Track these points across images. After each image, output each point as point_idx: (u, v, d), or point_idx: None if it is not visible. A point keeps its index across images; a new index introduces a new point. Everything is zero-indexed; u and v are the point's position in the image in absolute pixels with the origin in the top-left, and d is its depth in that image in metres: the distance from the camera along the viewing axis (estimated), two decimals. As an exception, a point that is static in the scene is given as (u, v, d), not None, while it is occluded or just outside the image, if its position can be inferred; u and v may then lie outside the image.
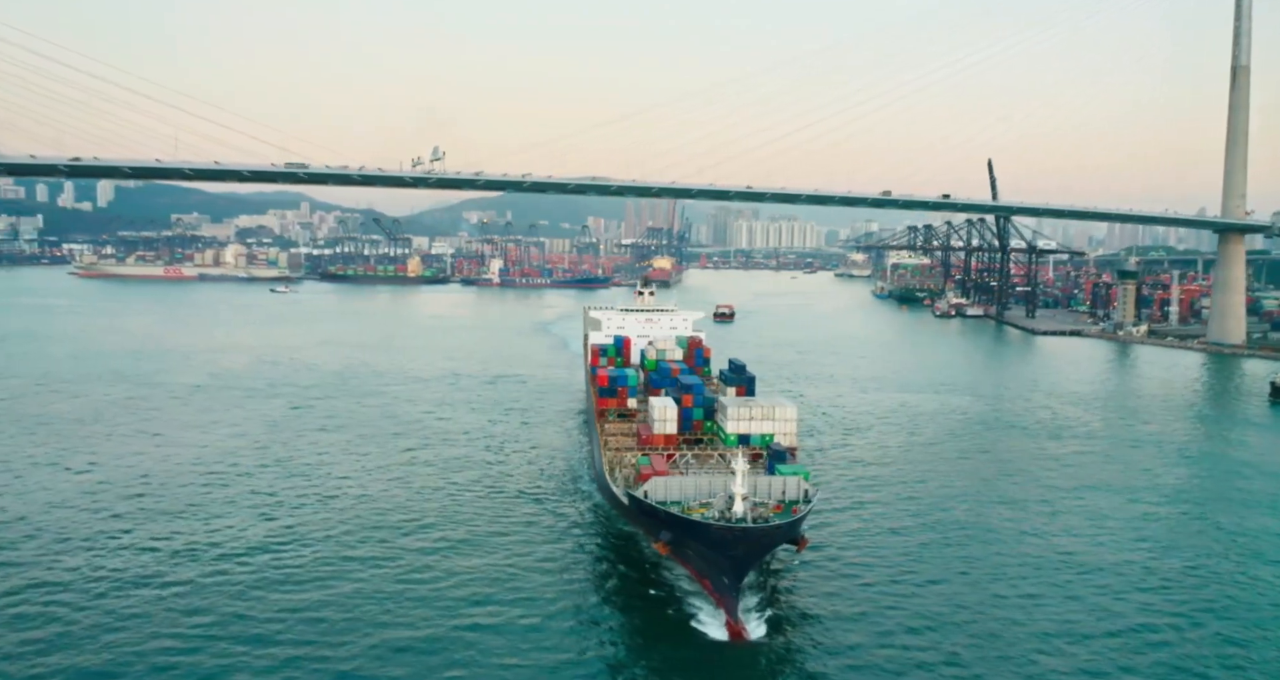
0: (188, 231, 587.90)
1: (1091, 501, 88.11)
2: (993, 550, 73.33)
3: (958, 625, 58.87)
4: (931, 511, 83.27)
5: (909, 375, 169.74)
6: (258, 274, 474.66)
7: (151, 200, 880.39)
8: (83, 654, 52.56)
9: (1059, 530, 79.03)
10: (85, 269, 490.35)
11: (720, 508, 59.05)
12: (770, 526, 58.50)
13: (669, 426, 78.74)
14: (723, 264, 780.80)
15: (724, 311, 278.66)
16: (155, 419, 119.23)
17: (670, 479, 64.80)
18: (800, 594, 63.84)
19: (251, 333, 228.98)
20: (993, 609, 61.50)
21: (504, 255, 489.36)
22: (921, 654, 54.90)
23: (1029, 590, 64.92)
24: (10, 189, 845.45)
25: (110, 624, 56.49)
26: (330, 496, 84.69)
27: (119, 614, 57.80)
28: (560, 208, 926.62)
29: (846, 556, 70.97)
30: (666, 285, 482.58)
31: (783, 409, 78.40)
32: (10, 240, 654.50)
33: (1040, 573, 68.31)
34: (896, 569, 68.33)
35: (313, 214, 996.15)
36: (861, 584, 65.42)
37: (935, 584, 65.54)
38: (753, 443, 76.35)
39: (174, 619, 57.33)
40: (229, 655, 52.75)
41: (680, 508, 61.64)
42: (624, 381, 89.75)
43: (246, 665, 51.72)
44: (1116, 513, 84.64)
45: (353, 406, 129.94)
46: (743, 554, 58.30)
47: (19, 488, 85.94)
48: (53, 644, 53.75)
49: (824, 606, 61.42)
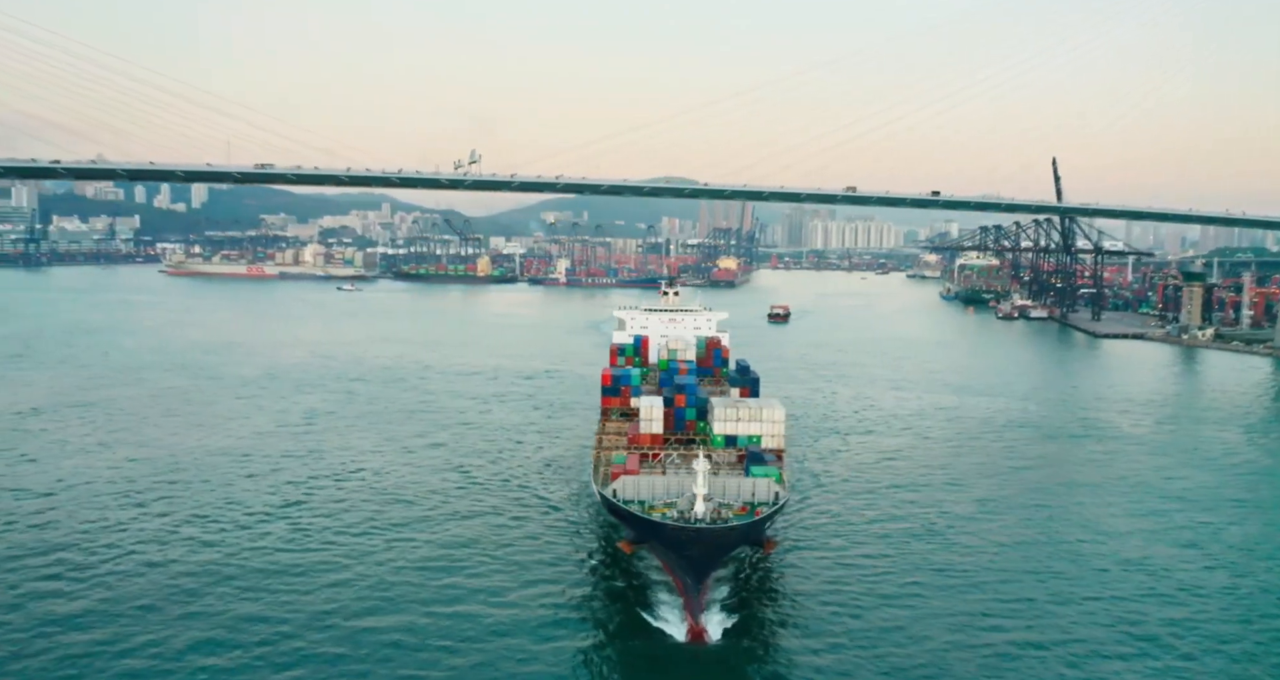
0: (270, 231, 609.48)
1: (1091, 503, 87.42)
2: (985, 563, 69.74)
3: (925, 638, 56.62)
4: (922, 517, 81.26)
5: (949, 377, 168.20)
6: (334, 273, 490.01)
7: (241, 202, 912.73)
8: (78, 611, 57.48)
9: (1057, 535, 78.02)
10: (174, 267, 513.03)
11: (683, 508, 58.73)
12: (725, 527, 57.64)
13: (655, 426, 77.40)
14: (794, 265, 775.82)
15: (778, 312, 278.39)
16: (205, 408, 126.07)
17: (641, 478, 64.72)
18: (770, 598, 63.22)
19: (315, 329, 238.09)
20: (963, 630, 58.24)
21: (571, 255, 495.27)
22: (878, 664, 53.69)
23: (1019, 615, 60.77)
24: (110, 191, 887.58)
25: (108, 595, 61.43)
26: (343, 483, 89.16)
27: (115, 586, 62.81)
28: (634, 208, 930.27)
29: (824, 562, 69.60)
30: (732, 285, 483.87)
31: (770, 410, 77.28)
32: (108, 240, 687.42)
33: (1031, 591, 64.55)
34: (872, 579, 66.11)
35: (393, 215, 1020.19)
36: (833, 591, 63.80)
37: (911, 596, 63.01)
38: (740, 444, 75.67)
39: (158, 592, 61.96)
40: (188, 626, 57.01)
41: (643, 506, 61.43)
42: (627, 380, 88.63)
43: (217, 639, 55.87)
44: (1110, 518, 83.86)
45: (392, 399, 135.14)
46: (699, 555, 57.63)
47: (65, 466, 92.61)
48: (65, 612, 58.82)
49: (791, 612, 60.81)
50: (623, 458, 71.77)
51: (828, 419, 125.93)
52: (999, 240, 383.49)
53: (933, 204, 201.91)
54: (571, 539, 74.49)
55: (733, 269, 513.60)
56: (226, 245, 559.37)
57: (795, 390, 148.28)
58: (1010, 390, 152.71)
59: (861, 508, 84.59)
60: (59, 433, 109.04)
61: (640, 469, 69.83)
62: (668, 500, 62.11)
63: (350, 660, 52.64)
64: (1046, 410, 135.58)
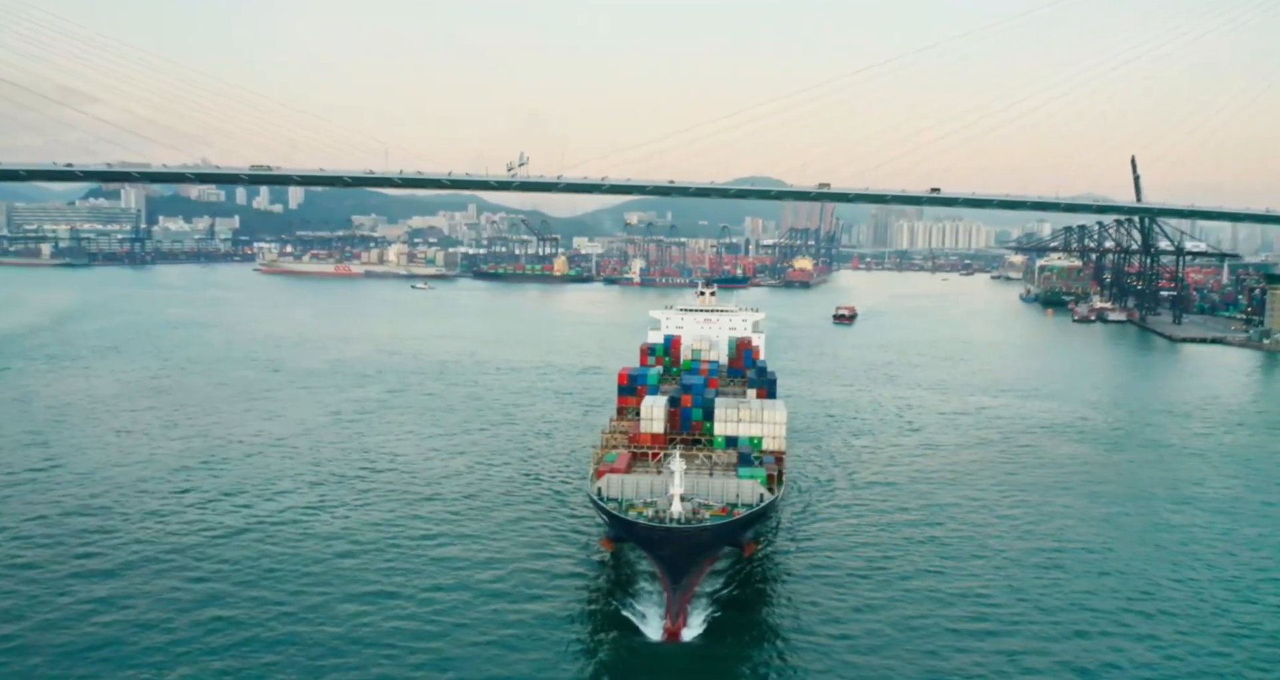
0: (358, 232, 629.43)
1: (1103, 506, 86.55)
2: (986, 580, 66.91)
3: (900, 652, 55.35)
4: (926, 524, 79.31)
5: (1004, 380, 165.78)
6: (417, 272, 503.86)
7: (336, 203, 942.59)
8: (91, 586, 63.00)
9: (1067, 548, 76.99)
10: (267, 266, 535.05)
11: (662, 507, 58.63)
12: (695, 528, 57.29)
13: (655, 425, 77.08)
14: (876, 265, 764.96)
15: (843, 313, 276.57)
16: (264, 398, 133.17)
17: (627, 476, 64.79)
18: (754, 601, 63.17)
19: (385, 325, 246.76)
20: (945, 645, 56.28)
21: (646, 255, 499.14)
22: (850, 673, 53.44)
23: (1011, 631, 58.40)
24: (213, 193, 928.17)
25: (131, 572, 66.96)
26: (370, 471, 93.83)
27: (144, 556, 68.37)
28: (718, 209, 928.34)
29: (815, 568, 68.79)
30: (807, 286, 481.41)
31: (771, 412, 76.97)
32: (208, 239, 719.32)
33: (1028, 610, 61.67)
34: (862, 589, 64.71)
35: (479, 215, 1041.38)
36: (819, 598, 63.00)
37: (896, 607, 61.53)
38: (740, 444, 75.58)
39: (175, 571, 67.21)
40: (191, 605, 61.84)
41: (621, 505, 61.65)
42: (643, 379, 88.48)
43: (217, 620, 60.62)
44: (1134, 520, 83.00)
45: (442, 393, 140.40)
46: (670, 554, 57.63)
47: (125, 448, 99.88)
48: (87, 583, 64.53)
49: (772, 616, 60.85)
50: (614, 456, 72.02)
51: (860, 420, 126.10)
52: (1082, 241, 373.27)
53: (1022, 205, 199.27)
54: (570, 535, 75.08)
55: (808, 269, 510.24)
56: (316, 245, 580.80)
57: (836, 391, 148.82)
58: (1063, 393, 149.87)
59: (868, 512, 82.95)
60: (128, 419, 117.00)
61: (634, 468, 69.98)
62: (649, 499, 61.84)
63: (319, 645, 54.62)
64: (1094, 414, 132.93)
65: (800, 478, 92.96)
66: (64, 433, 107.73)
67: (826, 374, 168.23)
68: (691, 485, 62.28)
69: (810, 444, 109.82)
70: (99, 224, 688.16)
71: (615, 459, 70.90)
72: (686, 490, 60.77)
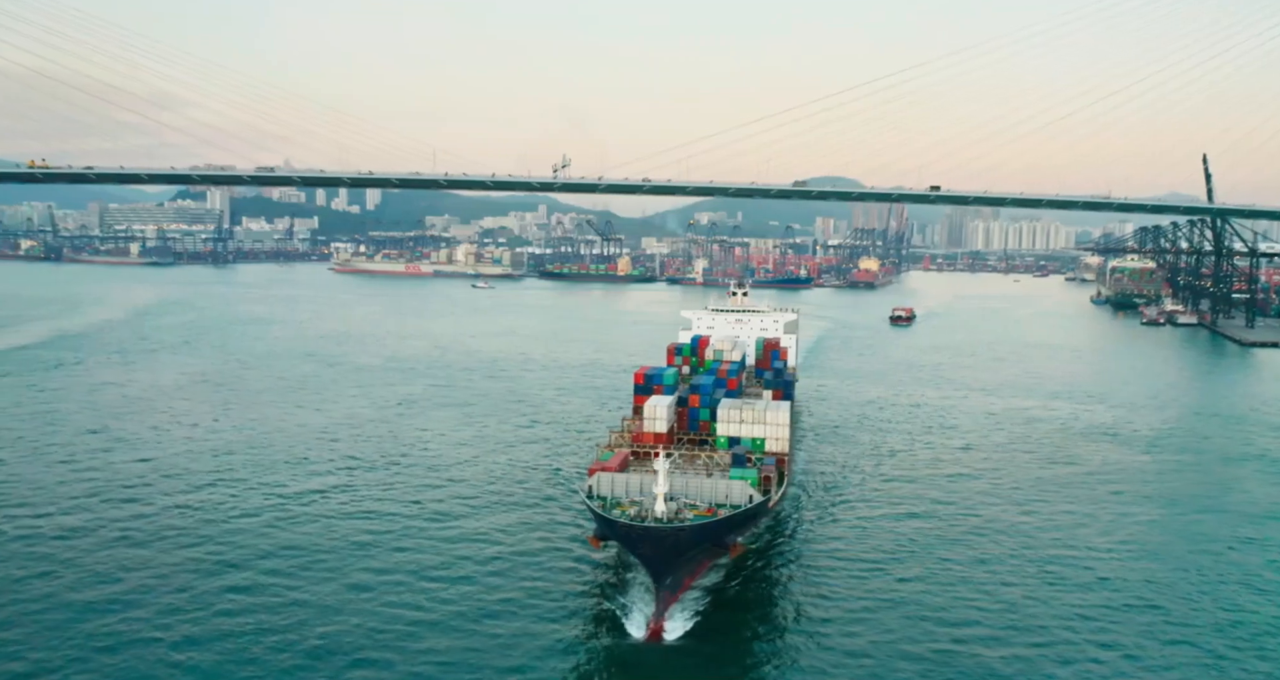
0: (428, 232, 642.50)
1: (1120, 510, 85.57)
2: (989, 592, 64.97)
3: (883, 661, 54.81)
4: (935, 530, 77.86)
5: (1054, 383, 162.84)
6: (484, 271, 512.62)
7: (412, 204, 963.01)
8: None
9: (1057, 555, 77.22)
10: (340, 265, 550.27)
11: (647, 507, 59.06)
12: (672, 527, 57.37)
13: (659, 425, 77.10)
14: (947, 266, 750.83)
15: (900, 314, 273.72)
16: (316, 391, 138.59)
17: (618, 475, 65.00)
18: (742, 603, 63.02)
19: (444, 323, 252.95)
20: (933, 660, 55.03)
21: (709, 255, 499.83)
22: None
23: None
24: (294, 194, 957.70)
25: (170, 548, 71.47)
26: (397, 463, 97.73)
27: (178, 531, 72.89)
28: (788, 209, 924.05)
29: (810, 571, 68.36)
30: (872, 287, 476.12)
31: (774, 413, 76.75)
32: (287, 239, 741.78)
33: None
34: (854, 595, 63.97)
35: (550, 216, 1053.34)
36: (808, 602, 62.69)
37: (883, 614, 60.62)
38: (743, 445, 75.64)
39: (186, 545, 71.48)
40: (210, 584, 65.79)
41: (606, 503, 62.23)
42: (659, 379, 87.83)
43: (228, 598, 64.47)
44: (1159, 527, 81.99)
45: (486, 388, 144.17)
46: (651, 553, 57.98)
47: (178, 435, 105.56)
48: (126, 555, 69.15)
49: (757, 619, 60.68)
50: (609, 454, 72.71)
51: (894, 421, 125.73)
52: (1157, 241, 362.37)
53: (1072, 205, 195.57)
54: (571, 531, 75.48)
55: (874, 270, 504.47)
56: (388, 245, 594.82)
57: (876, 391, 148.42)
58: (1113, 398, 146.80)
59: (875, 516, 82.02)
60: (184, 408, 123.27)
61: (634, 467, 70.26)
62: (637, 499, 62.03)
63: (304, 626, 57.14)
64: (1141, 418, 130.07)
65: (815, 478, 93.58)
66: (124, 422, 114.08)
67: (871, 374, 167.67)
68: (682, 485, 63.06)
69: (836, 444, 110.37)
70: (184, 224, 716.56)
71: (610, 457, 71.52)
72: (678, 490, 61.88)
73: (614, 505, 61.90)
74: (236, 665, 52.36)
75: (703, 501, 62.46)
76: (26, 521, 75.22)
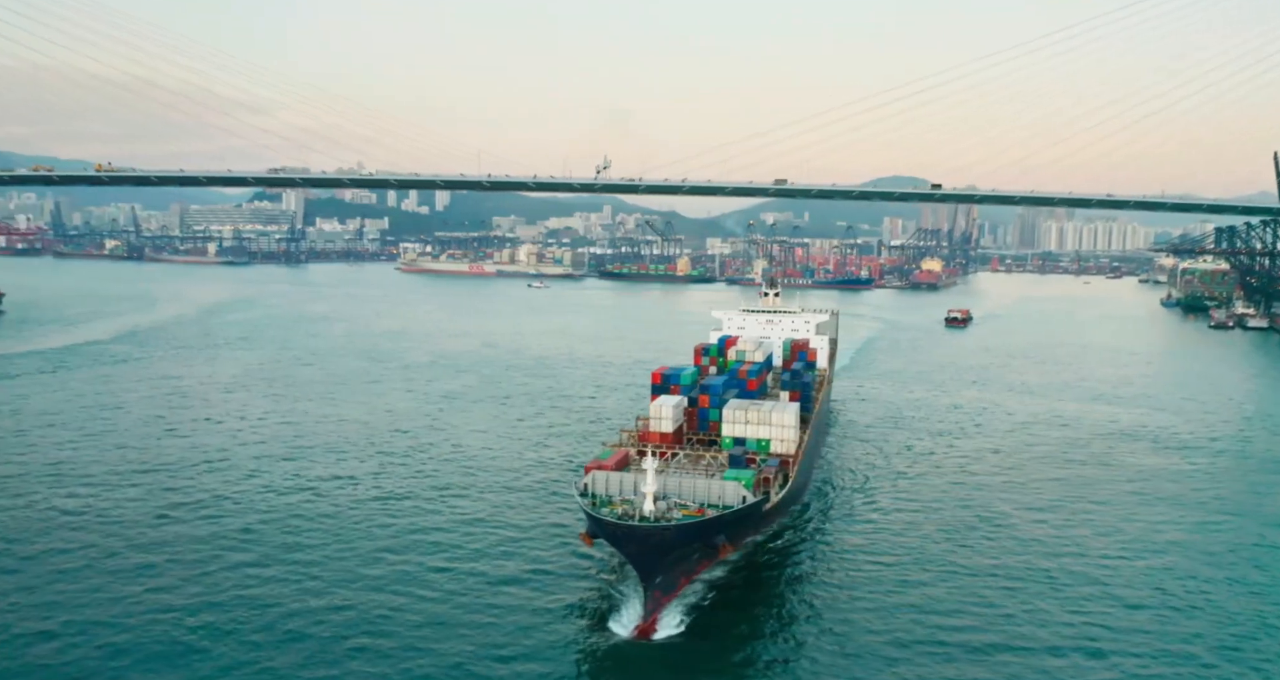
0: (492, 232, 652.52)
1: (1143, 517, 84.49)
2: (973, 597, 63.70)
3: (883, 664, 54.31)
4: (941, 537, 76.28)
5: (1101, 386, 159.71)
6: (545, 271, 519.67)
7: (480, 205, 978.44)
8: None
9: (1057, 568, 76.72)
10: (406, 265, 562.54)
11: (638, 505, 59.21)
12: (657, 527, 57.48)
13: (665, 425, 76.71)
14: (1016, 268, 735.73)
15: (956, 316, 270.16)
16: (362, 386, 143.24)
17: (612, 473, 65.04)
18: (736, 605, 62.77)
19: (497, 321, 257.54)
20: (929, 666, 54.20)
21: (769, 256, 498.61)
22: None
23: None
24: (365, 196, 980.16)
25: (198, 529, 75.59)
26: (426, 457, 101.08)
27: (219, 512, 77.02)
28: (856, 210, 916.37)
29: (810, 575, 68.21)
30: (935, 288, 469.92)
31: (780, 414, 76.00)
32: (357, 240, 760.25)
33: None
34: (856, 594, 63.81)
35: (615, 216, 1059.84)
36: (809, 604, 62.66)
37: (877, 624, 59.40)
38: (748, 447, 75.13)
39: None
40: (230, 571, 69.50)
41: (595, 501, 62.62)
42: (676, 379, 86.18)
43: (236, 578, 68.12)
44: (1186, 538, 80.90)
45: (526, 384, 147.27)
46: (636, 552, 58.14)
47: (225, 426, 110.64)
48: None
49: (749, 620, 60.55)
50: (609, 453, 72.75)
51: (928, 422, 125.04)
52: (1232, 242, 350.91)
53: (1124, 205, 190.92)
54: (570, 527, 74.93)
55: (936, 271, 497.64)
56: (453, 245, 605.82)
57: (916, 393, 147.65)
58: (1162, 402, 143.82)
59: (884, 519, 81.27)
60: (236, 400, 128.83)
61: (630, 466, 70.21)
62: (630, 497, 62.18)
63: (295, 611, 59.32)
64: (1186, 423, 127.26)
65: (834, 480, 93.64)
66: (178, 412, 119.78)
67: (915, 376, 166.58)
68: (676, 485, 63.42)
69: (865, 444, 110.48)
70: (259, 225, 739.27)
71: (610, 455, 71.46)
72: (672, 490, 62.42)
73: (605, 503, 62.29)
74: (217, 635, 55.72)
75: (694, 502, 62.40)
76: (76, 498, 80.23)
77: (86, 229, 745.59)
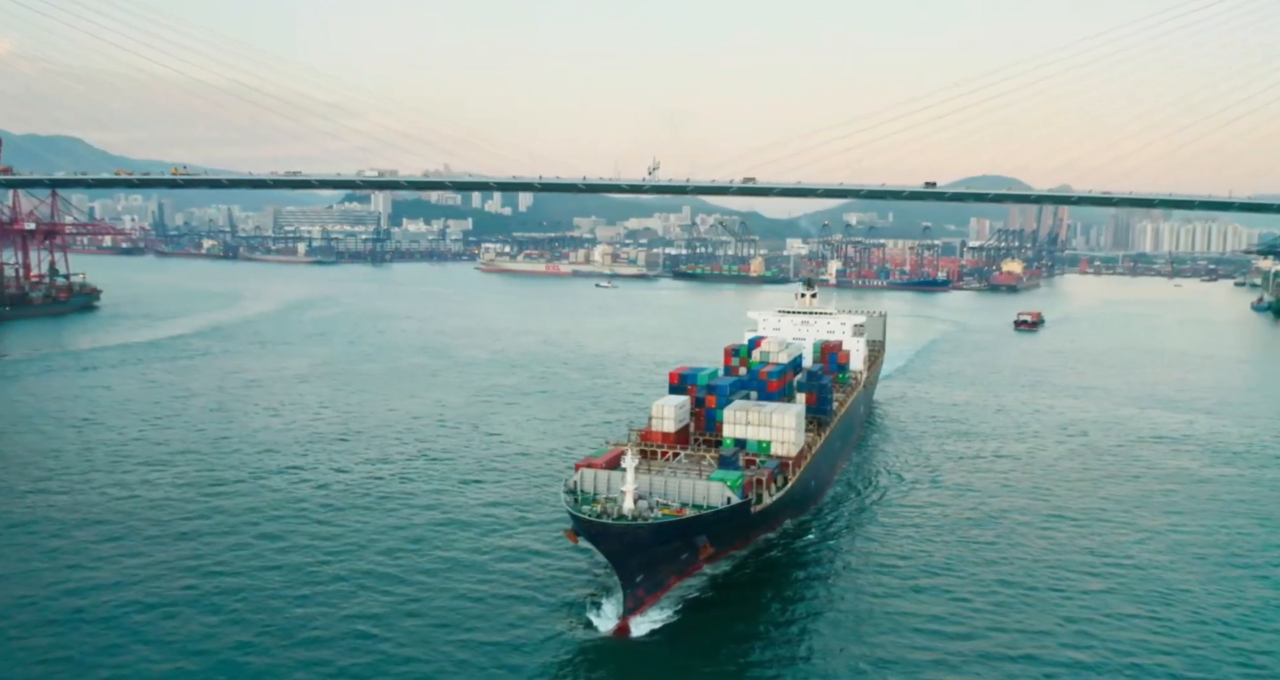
0: (570, 233, 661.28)
1: (1168, 523, 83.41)
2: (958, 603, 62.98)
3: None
4: (949, 540, 75.59)
5: (1167, 391, 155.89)
6: (620, 271, 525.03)
7: (562, 205, 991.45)
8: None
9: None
10: (485, 265, 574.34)
11: (620, 504, 59.77)
12: (630, 525, 57.84)
13: (666, 424, 77.09)
14: (1105, 269, 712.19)
15: (1025, 319, 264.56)
16: (419, 381, 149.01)
17: (600, 471, 65.20)
18: (719, 606, 62.91)
19: (562, 319, 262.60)
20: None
21: (843, 257, 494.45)
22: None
23: None
24: (450, 197, 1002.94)
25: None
26: (459, 447, 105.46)
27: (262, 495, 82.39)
28: (942, 211, 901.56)
29: (807, 576, 68.29)
30: (1014, 290, 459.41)
31: (781, 416, 75.40)
32: (440, 240, 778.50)
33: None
34: (838, 608, 62.87)
35: (695, 217, 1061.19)
36: (795, 606, 63.02)
37: (867, 626, 59.56)
38: (749, 448, 74.93)
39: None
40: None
41: (584, 497, 63.63)
42: (693, 380, 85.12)
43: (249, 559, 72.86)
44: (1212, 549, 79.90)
45: (575, 381, 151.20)
46: (611, 550, 58.72)
47: (286, 417, 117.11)
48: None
49: (730, 622, 60.53)
50: (603, 451, 73.09)
51: (967, 425, 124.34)
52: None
53: (1192, 205, 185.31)
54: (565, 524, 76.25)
55: (1016, 273, 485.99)
56: (530, 245, 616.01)
57: (964, 395, 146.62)
58: (1218, 408, 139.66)
59: (892, 523, 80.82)
60: (297, 392, 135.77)
61: (619, 464, 69.25)
62: (612, 496, 62.52)
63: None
64: (1247, 430, 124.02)
65: (856, 483, 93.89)
66: (241, 401, 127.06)
67: (969, 378, 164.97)
68: (661, 485, 64.15)
69: (899, 448, 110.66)
70: (347, 225, 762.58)
71: (603, 453, 71.50)
72: (657, 490, 63.26)
73: (590, 501, 63.17)
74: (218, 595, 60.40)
75: (677, 501, 62.88)
76: (130, 474, 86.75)
77: (186, 229, 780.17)
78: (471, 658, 54.54)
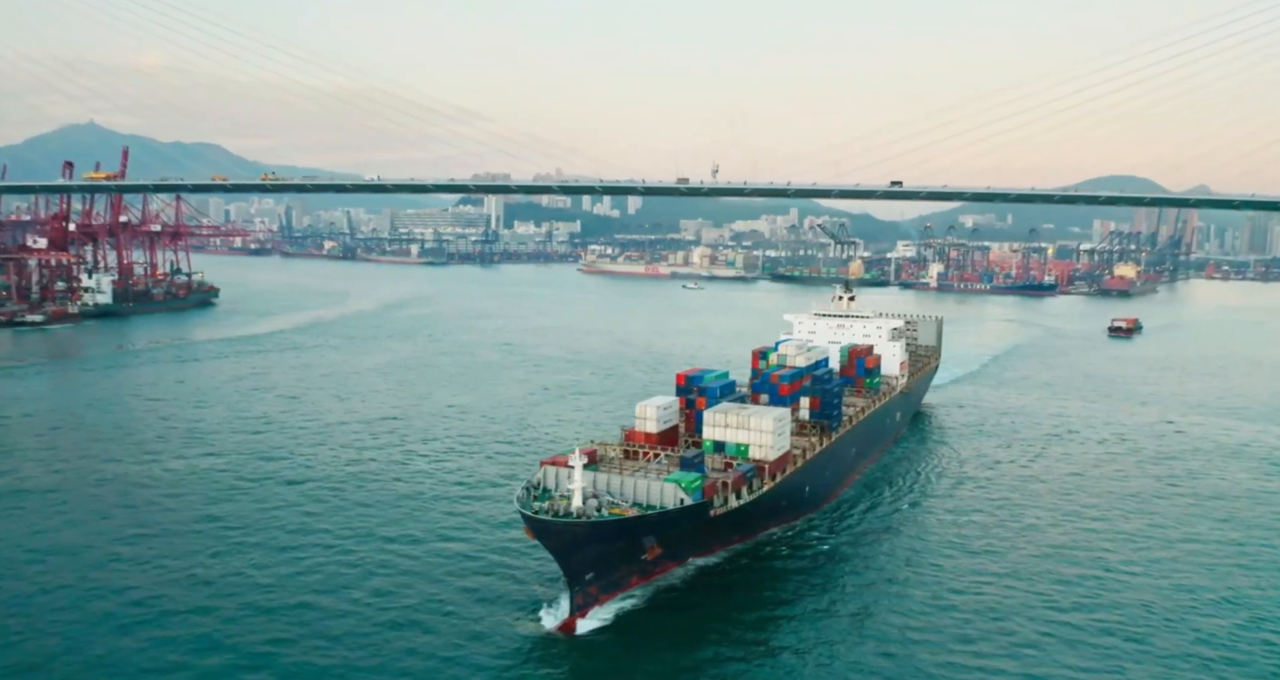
0: (669, 235, 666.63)
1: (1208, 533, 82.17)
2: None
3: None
4: (948, 548, 75.11)
5: (1254, 401, 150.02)
6: (717, 273, 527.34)
7: (670, 207, 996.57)
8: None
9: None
10: (587, 266, 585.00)
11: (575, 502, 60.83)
12: (567, 522, 58.70)
13: (649, 425, 77.66)
14: (1234, 274, 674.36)
15: (1120, 325, 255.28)
16: (485, 376, 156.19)
17: (562, 469, 65.56)
18: (670, 606, 63.51)
19: (641, 319, 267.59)
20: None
21: (945, 259, 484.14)
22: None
23: None
24: (560, 201, 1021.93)
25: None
26: (502, 439, 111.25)
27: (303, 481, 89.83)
28: (1063, 212, 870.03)
29: (775, 579, 68.64)
30: (1126, 295, 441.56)
31: (759, 419, 75.45)
32: (547, 242, 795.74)
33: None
34: (801, 614, 63.05)
35: (802, 219, 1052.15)
36: (740, 611, 63.20)
37: (815, 639, 59.28)
38: (727, 451, 75.52)
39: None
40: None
41: (539, 494, 64.81)
42: (699, 381, 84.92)
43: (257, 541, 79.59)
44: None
45: (636, 379, 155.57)
46: (554, 547, 59.62)
47: (344, 405, 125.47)
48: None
49: (678, 621, 61.27)
50: (572, 449, 71.38)
51: (1015, 430, 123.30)
52: None
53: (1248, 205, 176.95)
54: None
55: (1129, 277, 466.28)
56: (633, 247, 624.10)
57: (1022, 400, 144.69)
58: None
59: (882, 529, 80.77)
60: (371, 384, 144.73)
61: (599, 463, 71.55)
62: (564, 494, 63.37)
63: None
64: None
65: (870, 486, 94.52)
66: (314, 392, 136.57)
67: (1035, 383, 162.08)
68: (618, 485, 65.27)
69: (935, 451, 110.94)
70: (459, 227, 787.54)
71: (573, 452, 69.24)
72: (614, 490, 64.64)
73: (546, 498, 64.30)
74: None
75: (629, 501, 63.82)
76: (182, 459, 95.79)
77: (310, 231, 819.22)
78: (411, 645, 56.39)
